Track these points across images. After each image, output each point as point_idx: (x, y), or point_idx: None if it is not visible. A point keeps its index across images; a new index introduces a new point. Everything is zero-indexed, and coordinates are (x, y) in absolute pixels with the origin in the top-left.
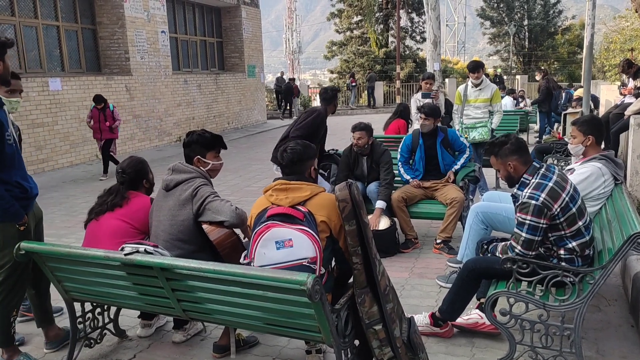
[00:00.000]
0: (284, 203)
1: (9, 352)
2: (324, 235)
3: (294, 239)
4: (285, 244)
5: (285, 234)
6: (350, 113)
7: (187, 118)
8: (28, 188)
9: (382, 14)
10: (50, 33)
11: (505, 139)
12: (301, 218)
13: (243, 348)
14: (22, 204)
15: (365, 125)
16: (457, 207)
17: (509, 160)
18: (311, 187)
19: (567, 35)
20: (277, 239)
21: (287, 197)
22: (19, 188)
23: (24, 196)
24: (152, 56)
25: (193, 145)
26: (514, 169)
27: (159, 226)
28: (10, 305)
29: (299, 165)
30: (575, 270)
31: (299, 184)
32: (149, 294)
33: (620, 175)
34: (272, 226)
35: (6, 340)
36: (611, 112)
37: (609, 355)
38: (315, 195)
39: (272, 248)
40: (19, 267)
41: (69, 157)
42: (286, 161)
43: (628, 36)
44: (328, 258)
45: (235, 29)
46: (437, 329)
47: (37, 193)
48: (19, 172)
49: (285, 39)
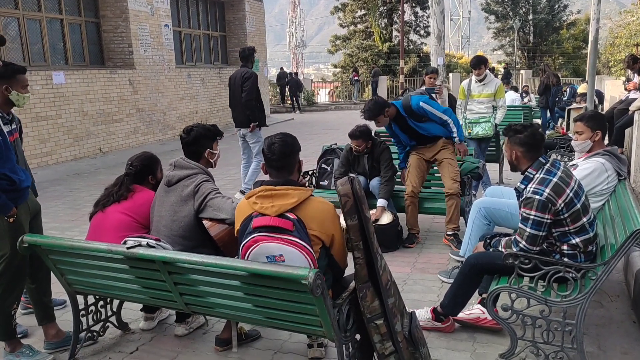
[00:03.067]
0: (270, 212)
1: (11, 345)
2: (318, 247)
3: (284, 254)
4: (277, 259)
5: (275, 249)
6: (353, 108)
7: (190, 112)
8: (17, 180)
9: (386, 8)
10: (54, 26)
11: (521, 128)
12: (290, 228)
13: (245, 342)
14: (10, 197)
15: (361, 131)
16: (454, 198)
17: (515, 148)
18: (298, 192)
19: (572, 30)
20: (267, 254)
21: (273, 206)
22: (6, 180)
23: (12, 188)
24: (155, 50)
25: (202, 140)
26: (517, 159)
27: (160, 221)
28: (9, 299)
29: (290, 158)
30: (577, 266)
31: (285, 190)
32: (151, 287)
33: (624, 171)
34: (259, 240)
35: (7, 334)
36: (616, 107)
37: (611, 351)
38: (304, 202)
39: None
40: (15, 261)
41: (72, 150)
42: (277, 154)
43: (633, 31)
44: (324, 266)
45: (239, 23)
46: (439, 323)
47: (27, 186)
48: (8, 164)
49: (289, 33)
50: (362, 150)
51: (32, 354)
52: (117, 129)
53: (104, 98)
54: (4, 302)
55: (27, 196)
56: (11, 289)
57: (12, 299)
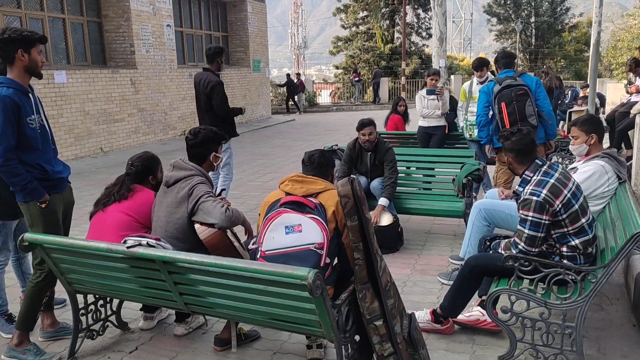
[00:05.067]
0: (298, 192)
1: (20, 338)
2: (332, 226)
3: (303, 224)
4: (295, 229)
5: (295, 219)
6: (355, 109)
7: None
8: (49, 170)
9: (388, 10)
10: (56, 26)
11: (509, 134)
12: (312, 207)
13: (244, 342)
14: (42, 185)
15: (370, 120)
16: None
17: (507, 154)
18: (326, 183)
19: (574, 33)
20: (286, 224)
21: (302, 188)
22: (38, 169)
23: (43, 177)
24: (157, 50)
25: (209, 143)
26: (510, 164)
27: (157, 222)
28: (45, 288)
29: (325, 168)
30: (577, 268)
31: (315, 179)
32: (151, 287)
33: (623, 173)
34: (283, 212)
35: (27, 324)
36: (617, 110)
37: (610, 354)
38: (328, 190)
39: (281, 232)
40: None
41: (74, 149)
42: (316, 163)
43: (636, 34)
44: (334, 250)
45: (241, 24)
46: (438, 325)
47: (60, 177)
48: (44, 155)
49: (291, 34)
50: (373, 140)
51: (38, 352)
52: (119, 129)
53: (105, 97)
54: (41, 289)
55: (62, 187)
56: (51, 277)
57: (49, 286)
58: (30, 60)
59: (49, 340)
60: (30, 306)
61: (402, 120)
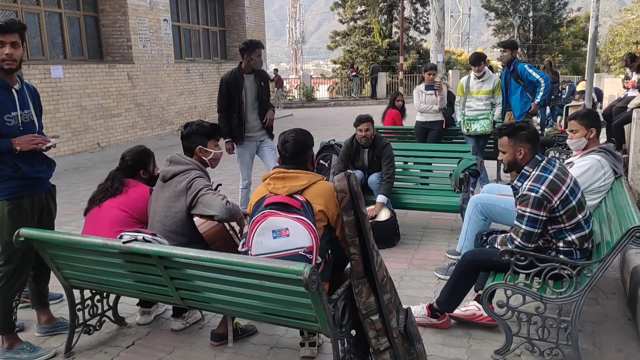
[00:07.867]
0: (282, 192)
1: (9, 340)
2: (322, 224)
3: (290, 228)
4: (282, 233)
5: (282, 223)
6: (353, 104)
7: (189, 107)
8: (25, 170)
9: (386, 5)
10: (53, 20)
11: (524, 125)
12: (298, 207)
13: (241, 337)
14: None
15: (368, 116)
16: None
17: (521, 146)
18: (309, 175)
19: (572, 28)
20: (273, 228)
21: (285, 186)
22: (11, 167)
23: (15, 176)
24: (154, 44)
25: (193, 136)
26: (522, 156)
27: (154, 216)
28: (12, 290)
29: (302, 156)
30: (573, 263)
31: (297, 173)
32: (147, 282)
33: (620, 168)
34: (269, 215)
35: (7, 327)
36: (614, 105)
37: (606, 348)
38: (313, 184)
39: (269, 237)
40: (18, 251)
41: (70, 144)
42: (290, 152)
43: (633, 29)
44: (325, 247)
45: (239, 18)
46: (435, 320)
47: (37, 177)
48: (23, 153)
49: (289, 29)
50: (370, 137)
51: (32, 349)
52: (116, 124)
53: (102, 92)
54: (7, 292)
55: (38, 189)
56: (15, 280)
57: (15, 289)
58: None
59: (46, 336)
60: (1, 309)
61: (400, 115)
